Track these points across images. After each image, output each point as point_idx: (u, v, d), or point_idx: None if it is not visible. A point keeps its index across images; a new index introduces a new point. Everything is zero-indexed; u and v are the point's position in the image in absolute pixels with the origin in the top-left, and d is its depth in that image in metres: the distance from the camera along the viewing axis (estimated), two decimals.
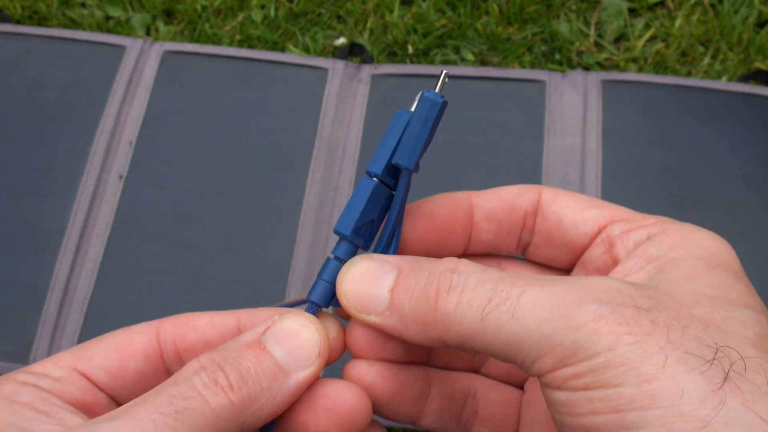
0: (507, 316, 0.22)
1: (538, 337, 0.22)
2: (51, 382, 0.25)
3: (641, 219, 0.27)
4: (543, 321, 0.22)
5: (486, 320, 0.23)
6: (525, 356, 0.22)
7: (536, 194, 0.29)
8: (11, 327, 0.70)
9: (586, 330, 0.21)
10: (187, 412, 0.22)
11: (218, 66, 0.83)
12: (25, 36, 0.84)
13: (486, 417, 0.29)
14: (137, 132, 0.79)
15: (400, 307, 0.25)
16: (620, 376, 0.20)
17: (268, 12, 0.91)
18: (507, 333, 0.22)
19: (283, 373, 0.24)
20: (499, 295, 0.23)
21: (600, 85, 0.79)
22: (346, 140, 0.78)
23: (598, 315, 0.21)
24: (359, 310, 0.26)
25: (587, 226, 0.28)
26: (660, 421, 0.20)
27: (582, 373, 0.21)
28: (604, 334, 0.21)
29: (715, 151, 0.75)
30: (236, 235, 0.74)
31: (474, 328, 0.23)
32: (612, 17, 0.89)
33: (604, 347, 0.21)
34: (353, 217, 0.26)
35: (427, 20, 0.89)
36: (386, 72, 0.82)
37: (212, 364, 0.23)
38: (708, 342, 0.21)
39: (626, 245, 0.26)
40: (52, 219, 0.74)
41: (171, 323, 0.27)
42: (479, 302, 0.23)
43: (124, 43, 0.83)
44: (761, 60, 0.85)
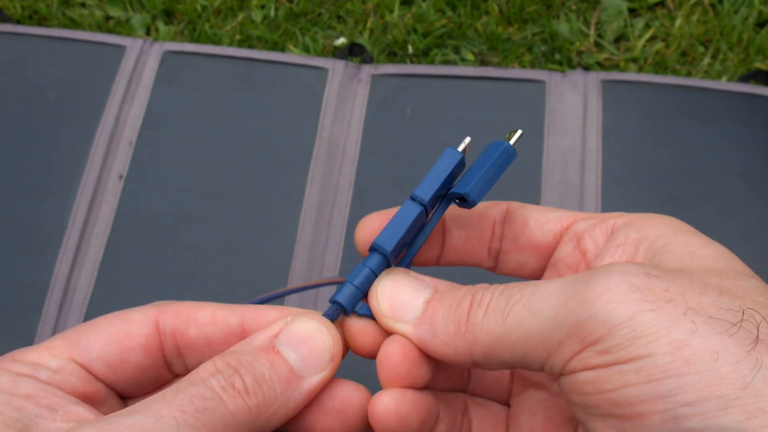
0: (525, 311, 0.23)
1: (557, 324, 0.22)
2: (49, 373, 0.24)
3: (604, 215, 0.28)
4: (558, 306, 0.22)
5: (507, 321, 0.23)
6: (549, 348, 0.22)
7: (505, 205, 0.30)
8: (11, 327, 0.70)
9: (600, 303, 0.21)
10: (207, 413, 0.22)
11: (218, 66, 0.83)
12: (25, 36, 0.84)
13: None
14: (137, 132, 0.79)
15: (434, 317, 0.25)
16: (650, 345, 0.20)
17: (268, 12, 0.91)
18: (528, 329, 0.23)
19: (296, 378, 0.24)
20: (515, 296, 0.23)
21: (600, 85, 0.79)
22: (346, 140, 0.78)
23: (607, 286, 0.21)
24: (390, 317, 0.26)
25: (551, 224, 0.28)
26: (698, 385, 0.19)
27: (608, 349, 0.21)
28: (619, 304, 0.21)
29: (715, 151, 0.75)
30: (236, 235, 0.74)
31: (498, 333, 0.23)
32: (612, 17, 0.89)
33: (624, 317, 0.21)
34: (396, 237, 0.27)
35: (427, 20, 0.89)
36: (386, 72, 0.82)
37: (228, 367, 0.23)
38: (728, 306, 0.21)
39: (594, 238, 0.27)
40: (52, 219, 0.74)
41: (170, 315, 0.27)
42: (500, 306, 0.24)
43: (124, 43, 0.83)
44: (761, 60, 0.85)
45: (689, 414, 0.20)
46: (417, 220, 0.28)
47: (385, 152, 0.77)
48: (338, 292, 0.27)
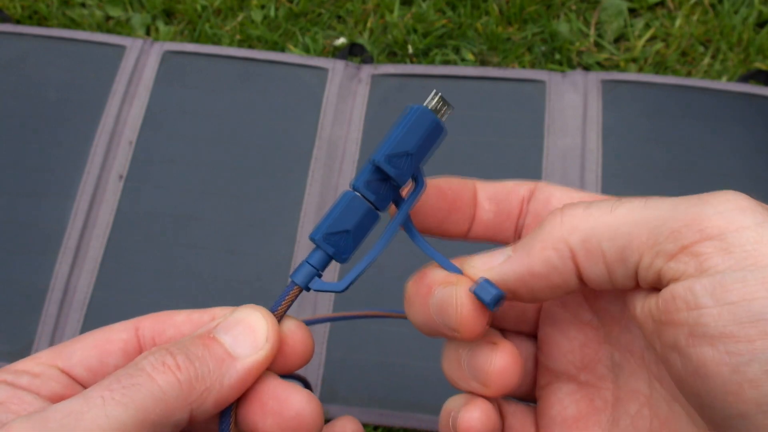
0: (640, 205, 0.22)
1: (675, 213, 0.20)
2: (30, 378, 0.25)
3: None
4: (677, 203, 0.21)
5: (616, 211, 0.22)
6: (658, 236, 0.20)
7: (533, 184, 0.29)
8: (11, 327, 0.70)
9: (727, 205, 0.20)
10: (134, 388, 0.22)
11: (218, 66, 0.83)
12: (25, 36, 0.84)
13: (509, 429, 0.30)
14: (137, 132, 0.79)
15: (524, 235, 0.25)
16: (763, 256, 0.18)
17: (268, 12, 0.91)
18: (637, 217, 0.21)
19: (230, 358, 0.25)
20: (623, 200, 0.23)
21: (600, 85, 0.79)
22: (346, 140, 0.78)
23: (732, 196, 0.20)
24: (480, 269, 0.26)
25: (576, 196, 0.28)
26: None
27: (731, 247, 0.19)
28: (749, 211, 0.19)
29: (715, 151, 0.75)
30: (236, 234, 0.74)
31: (602, 220, 0.22)
32: (612, 17, 0.89)
33: (752, 221, 0.19)
34: (324, 225, 0.27)
35: (427, 20, 0.89)
36: (386, 72, 0.82)
37: (161, 350, 0.24)
38: None
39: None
40: (52, 219, 0.74)
41: (149, 320, 0.28)
42: (606, 204, 0.23)
43: (124, 43, 0.83)
44: (761, 60, 0.85)
45: None
46: (352, 205, 0.27)
47: None
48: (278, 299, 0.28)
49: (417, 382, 0.67)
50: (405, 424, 0.66)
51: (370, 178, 0.27)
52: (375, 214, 0.27)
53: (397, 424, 0.66)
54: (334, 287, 0.28)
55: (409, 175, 0.27)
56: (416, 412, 0.66)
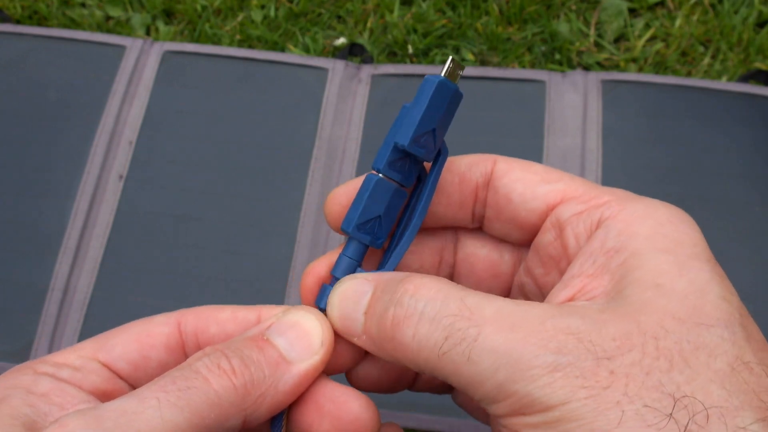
0: (463, 358, 0.22)
1: (494, 383, 0.21)
2: (71, 371, 0.25)
3: (595, 197, 0.26)
4: (498, 368, 0.21)
5: (442, 359, 0.22)
6: (482, 397, 0.22)
7: (490, 165, 0.27)
8: (11, 327, 0.70)
9: (540, 383, 0.21)
10: (190, 391, 0.22)
11: (218, 66, 0.83)
12: (25, 36, 0.84)
13: None
14: (137, 132, 0.79)
15: (369, 332, 0.25)
16: (573, 430, 0.20)
17: (268, 12, 0.91)
18: (464, 373, 0.22)
19: (285, 362, 0.24)
20: (455, 335, 0.22)
21: (600, 85, 0.79)
22: (346, 140, 0.78)
23: (554, 367, 0.21)
24: (345, 333, 0.26)
25: (536, 203, 0.26)
26: None
27: (537, 425, 0.21)
28: (558, 388, 0.21)
29: (715, 151, 0.75)
30: (236, 235, 0.74)
31: (433, 363, 0.23)
32: (612, 17, 0.89)
33: (558, 401, 0.20)
34: (355, 214, 0.26)
35: (427, 20, 0.89)
36: (386, 72, 0.82)
37: (215, 351, 0.24)
38: (671, 390, 0.20)
39: (576, 232, 0.25)
40: (52, 219, 0.74)
41: (192, 315, 0.27)
42: (435, 339, 0.22)
43: (124, 43, 0.83)
44: (761, 60, 0.85)
45: None
46: (378, 190, 0.26)
47: None
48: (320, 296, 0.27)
49: None
50: (405, 424, 0.66)
51: (392, 158, 0.26)
52: (403, 193, 0.27)
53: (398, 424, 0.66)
54: None
55: (435, 150, 0.26)
56: (416, 412, 0.66)
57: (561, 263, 0.26)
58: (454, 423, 0.65)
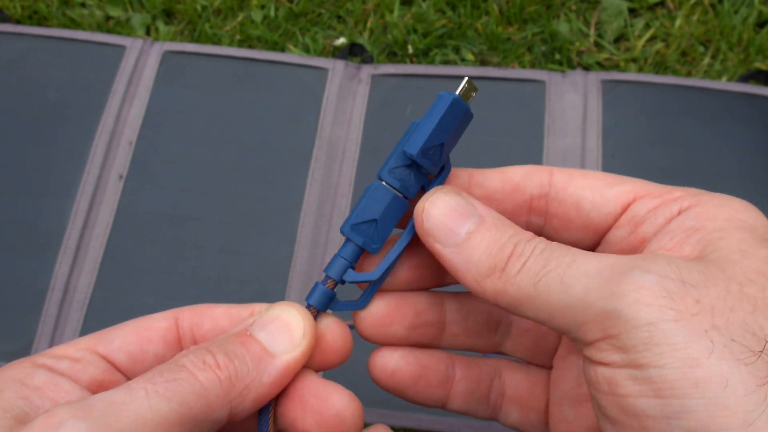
0: (557, 282, 0.22)
1: (583, 305, 0.22)
2: (69, 363, 0.25)
3: (667, 192, 0.26)
4: (589, 289, 0.22)
5: (538, 286, 0.23)
6: (571, 324, 0.22)
7: (546, 177, 0.28)
8: (11, 327, 0.70)
9: (628, 299, 0.21)
10: (177, 383, 0.22)
11: (218, 66, 0.83)
12: (25, 36, 0.84)
13: (514, 396, 0.30)
14: (137, 132, 0.79)
15: (472, 252, 0.25)
16: (664, 355, 0.20)
17: (268, 12, 0.91)
18: (555, 300, 0.22)
19: (268, 355, 0.25)
20: (552, 263, 0.23)
21: (600, 85, 0.79)
22: (346, 140, 0.78)
23: (641, 284, 0.21)
24: (430, 235, 0.26)
25: (610, 206, 0.26)
26: (703, 413, 0.19)
27: (626, 347, 0.20)
28: (645, 305, 0.20)
29: (715, 151, 0.75)
30: (236, 235, 0.74)
31: (527, 293, 0.23)
32: (612, 17, 0.89)
33: (646, 320, 0.20)
34: (353, 214, 0.27)
35: (427, 20, 0.89)
36: (386, 72, 0.82)
37: (200, 348, 0.24)
38: (755, 330, 0.20)
39: (655, 224, 0.25)
40: (52, 219, 0.74)
41: (189, 312, 0.28)
42: (535, 268, 0.23)
43: (124, 43, 0.83)
44: (761, 60, 0.85)
45: None
46: (376, 194, 0.27)
47: (385, 152, 0.77)
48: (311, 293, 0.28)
49: None
50: (405, 424, 0.66)
51: (394, 165, 0.27)
52: (402, 202, 0.27)
53: (397, 424, 0.66)
54: (369, 276, 0.28)
55: (440, 164, 0.27)
56: (416, 412, 0.66)
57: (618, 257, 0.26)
58: (454, 423, 0.65)
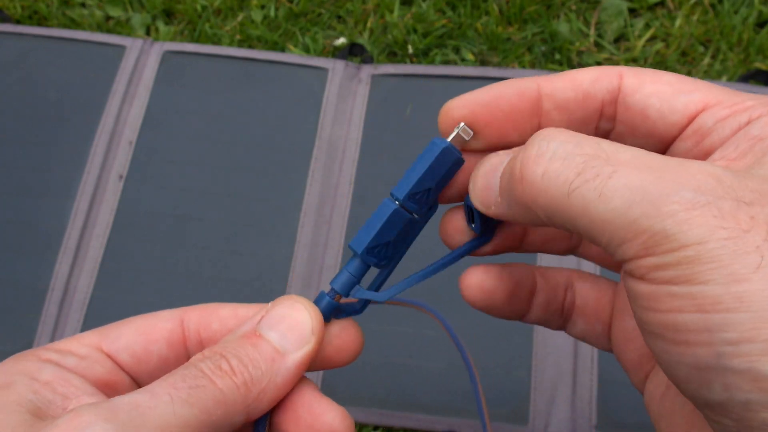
0: (594, 194, 0.21)
1: (625, 221, 0.20)
2: (76, 360, 0.25)
3: (738, 102, 0.24)
4: (632, 204, 0.20)
5: (572, 196, 0.21)
6: (610, 239, 0.21)
7: (616, 79, 0.26)
8: (11, 327, 0.70)
9: (677, 218, 0.20)
10: (199, 390, 0.23)
11: (218, 66, 0.83)
12: (24, 36, 0.84)
13: (581, 306, 0.30)
14: (137, 132, 0.79)
15: (502, 188, 0.24)
16: (708, 272, 0.19)
17: (268, 12, 0.91)
18: (593, 212, 0.21)
19: (280, 355, 0.25)
20: (589, 171, 0.21)
21: None
22: (346, 140, 0.78)
23: (692, 204, 0.20)
24: (484, 204, 0.25)
25: (677, 116, 0.25)
26: (747, 326, 0.18)
27: (668, 264, 0.20)
28: (696, 226, 0.19)
29: None
30: (236, 235, 0.74)
31: (559, 202, 0.22)
32: (612, 17, 0.89)
33: (695, 239, 0.19)
34: (368, 238, 0.27)
35: (427, 20, 0.89)
36: (386, 72, 0.82)
37: (214, 354, 0.24)
38: None
39: (722, 136, 0.24)
40: (52, 219, 0.74)
41: (195, 312, 0.28)
42: (566, 175, 0.22)
43: (124, 43, 0.83)
44: (761, 60, 0.85)
45: (732, 353, 0.19)
46: (394, 218, 0.27)
47: (385, 152, 0.77)
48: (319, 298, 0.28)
49: (417, 382, 0.67)
50: (405, 424, 0.66)
51: (415, 191, 0.27)
52: (416, 224, 0.28)
53: (397, 424, 0.66)
54: (376, 297, 0.28)
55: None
56: (416, 412, 0.66)
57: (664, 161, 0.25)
58: (454, 423, 0.65)
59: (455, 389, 0.66)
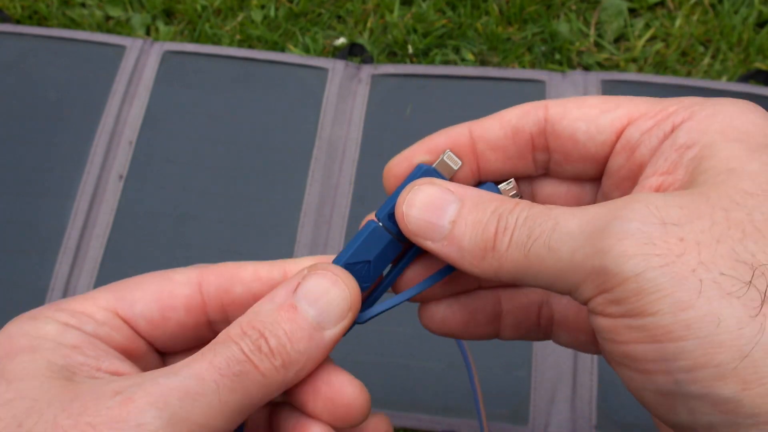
0: (545, 249, 0.22)
1: (573, 267, 0.22)
2: (95, 325, 0.25)
3: (662, 109, 0.25)
4: (575, 250, 0.22)
5: (529, 256, 0.23)
6: (568, 286, 0.22)
7: (542, 111, 0.27)
8: None
9: (612, 253, 0.20)
10: (243, 376, 0.23)
11: (218, 66, 0.83)
12: (25, 36, 0.84)
13: (561, 320, 0.30)
14: (137, 132, 0.79)
15: (460, 240, 0.25)
16: (656, 303, 0.20)
17: (268, 12, 0.91)
18: (548, 265, 0.22)
19: (317, 332, 0.25)
20: (536, 230, 0.23)
21: (600, 85, 0.79)
22: (346, 140, 0.78)
23: (623, 235, 0.20)
24: (418, 235, 0.26)
25: (604, 134, 0.26)
26: (698, 352, 0.19)
27: (619, 300, 0.20)
28: (630, 257, 0.20)
29: None
30: (236, 235, 0.74)
31: (521, 264, 0.23)
32: (612, 17, 0.89)
33: (633, 272, 0.20)
34: (346, 254, 0.27)
35: (427, 20, 0.89)
36: (386, 72, 0.82)
37: (253, 330, 0.24)
38: (745, 257, 0.19)
39: (650, 147, 0.25)
40: (52, 219, 0.74)
41: (214, 275, 0.27)
42: (522, 239, 0.23)
43: (124, 43, 0.83)
44: (761, 60, 0.85)
45: (689, 380, 0.19)
46: (373, 237, 0.27)
47: (385, 152, 0.77)
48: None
49: (417, 382, 0.67)
50: (405, 424, 0.66)
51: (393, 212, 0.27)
52: (397, 245, 0.28)
53: (397, 424, 0.66)
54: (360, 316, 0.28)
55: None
56: (416, 412, 0.66)
57: (636, 181, 0.26)
58: (454, 423, 0.65)
59: (455, 389, 0.66)
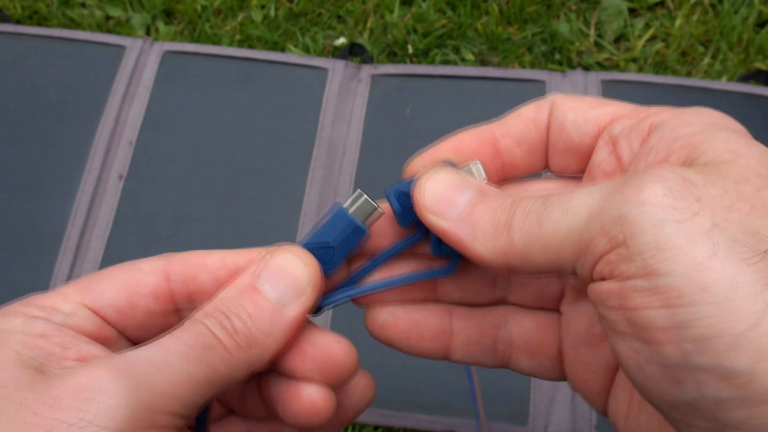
0: (561, 212, 0.22)
1: (590, 221, 0.21)
2: (62, 316, 0.25)
3: (644, 111, 0.26)
4: (593, 206, 0.21)
5: (543, 223, 0.23)
6: (579, 248, 0.22)
7: (549, 103, 0.28)
8: None
9: (633, 202, 0.20)
10: (210, 350, 0.24)
11: (218, 66, 0.83)
12: (25, 36, 0.84)
13: (523, 344, 0.29)
14: (137, 132, 0.79)
15: (476, 218, 0.25)
16: (669, 261, 0.19)
17: (268, 12, 0.91)
18: (562, 228, 0.22)
19: (279, 311, 0.25)
20: (553, 200, 0.23)
21: (600, 85, 0.79)
22: (346, 140, 0.78)
23: (644, 185, 0.20)
24: (431, 210, 0.26)
25: (588, 126, 0.27)
26: (712, 319, 0.18)
27: (632, 255, 0.20)
28: (650, 206, 0.20)
29: None
30: (236, 234, 0.74)
31: (534, 235, 0.23)
32: (612, 17, 0.89)
33: (651, 221, 0.19)
34: (310, 234, 0.27)
35: (427, 20, 0.89)
36: (386, 72, 0.82)
37: (218, 312, 0.25)
38: (755, 229, 0.19)
39: (630, 143, 0.25)
40: (52, 219, 0.74)
41: (180, 264, 0.28)
42: (537, 210, 0.23)
43: (124, 43, 0.83)
44: (761, 60, 0.85)
45: (699, 350, 0.19)
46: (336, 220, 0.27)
47: (385, 152, 0.77)
48: None
49: (417, 382, 0.67)
50: (405, 424, 0.66)
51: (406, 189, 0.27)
52: (362, 231, 0.28)
53: (397, 424, 0.66)
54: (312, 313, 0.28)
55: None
56: (416, 412, 0.66)
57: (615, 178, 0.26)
58: (454, 423, 0.65)
59: (455, 389, 0.66)
